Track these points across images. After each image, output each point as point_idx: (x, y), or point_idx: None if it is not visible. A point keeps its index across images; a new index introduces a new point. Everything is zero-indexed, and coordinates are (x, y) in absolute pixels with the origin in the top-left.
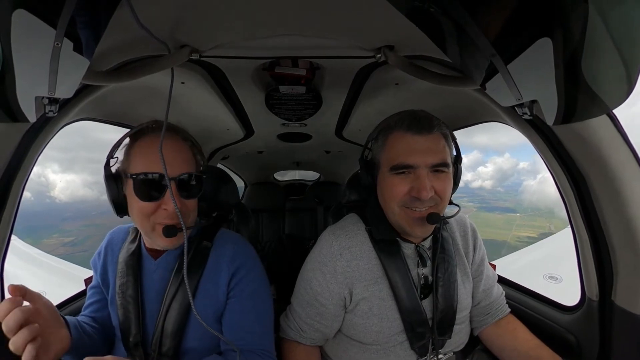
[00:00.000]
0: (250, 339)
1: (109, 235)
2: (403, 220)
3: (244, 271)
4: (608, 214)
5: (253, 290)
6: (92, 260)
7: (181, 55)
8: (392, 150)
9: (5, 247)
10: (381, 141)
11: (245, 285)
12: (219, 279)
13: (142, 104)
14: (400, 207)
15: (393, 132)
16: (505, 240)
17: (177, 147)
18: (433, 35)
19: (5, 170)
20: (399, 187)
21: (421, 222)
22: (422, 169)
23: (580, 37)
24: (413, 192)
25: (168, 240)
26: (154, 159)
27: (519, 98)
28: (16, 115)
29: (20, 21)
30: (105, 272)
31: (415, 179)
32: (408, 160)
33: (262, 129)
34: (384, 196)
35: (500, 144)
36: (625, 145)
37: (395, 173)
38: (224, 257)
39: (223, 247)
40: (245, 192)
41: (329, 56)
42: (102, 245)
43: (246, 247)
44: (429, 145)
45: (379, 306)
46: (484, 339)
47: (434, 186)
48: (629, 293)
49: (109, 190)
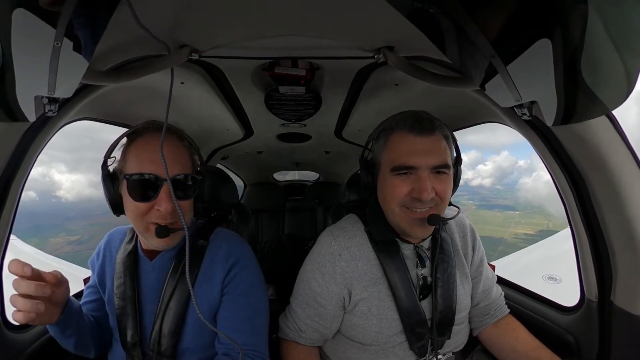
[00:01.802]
0: (239, 338)
1: (108, 235)
2: (403, 220)
3: (238, 268)
4: (607, 215)
5: (247, 287)
6: (90, 260)
7: (181, 55)
8: (394, 151)
9: (4, 247)
10: (382, 141)
11: (239, 282)
12: (213, 277)
13: (142, 104)
14: (401, 208)
15: (395, 132)
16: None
17: (173, 148)
18: (433, 36)
19: (5, 169)
20: (400, 187)
21: (421, 222)
22: (423, 170)
23: (579, 38)
24: (414, 193)
25: (162, 241)
26: (149, 159)
27: (519, 99)
28: (15, 114)
29: (20, 20)
30: (103, 273)
31: (416, 180)
32: (410, 161)
33: (261, 129)
34: (384, 196)
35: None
36: (624, 146)
37: (397, 174)
38: (219, 255)
39: (219, 245)
40: (245, 192)
41: (328, 57)
42: (101, 246)
43: (241, 245)
44: (431, 147)
45: (378, 307)
46: (483, 339)
47: (435, 187)
48: (628, 294)
49: (106, 189)
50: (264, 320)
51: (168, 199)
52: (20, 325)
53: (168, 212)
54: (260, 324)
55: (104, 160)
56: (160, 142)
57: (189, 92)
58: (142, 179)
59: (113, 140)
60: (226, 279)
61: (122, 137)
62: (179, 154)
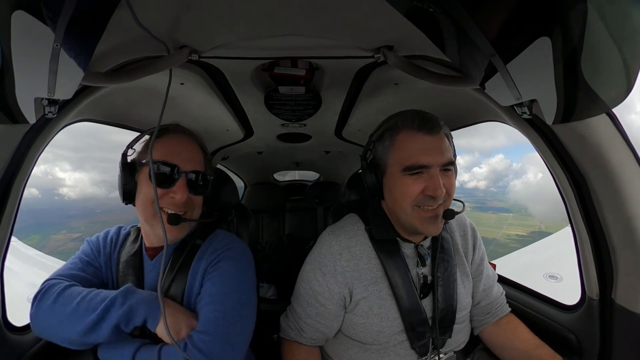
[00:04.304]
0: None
1: (110, 232)
2: (416, 219)
3: (220, 257)
4: (608, 213)
5: (223, 276)
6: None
7: (180, 56)
8: (404, 151)
9: (5, 247)
10: (388, 141)
11: (216, 269)
12: (199, 271)
13: (142, 105)
14: (413, 207)
15: (401, 132)
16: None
17: (191, 147)
18: (432, 35)
19: (6, 170)
20: (413, 186)
21: (434, 220)
22: (434, 168)
23: (579, 36)
24: (427, 191)
25: (174, 230)
26: (174, 152)
27: (518, 97)
28: (16, 116)
29: (20, 22)
30: (107, 270)
31: (429, 179)
32: (422, 160)
33: (261, 129)
34: (394, 197)
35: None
36: (624, 144)
37: (410, 173)
38: (208, 252)
39: (210, 243)
40: (245, 192)
41: (328, 56)
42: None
43: (232, 242)
44: (439, 145)
45: (379, 306)
46: (484, 338)
47: (444, 184)
48: (629, 292)
49: (123, 176)
50: (235, 308)
51: (184, 189)
52: (21, 327)
53: (182, 202)
54: (224, 310)
55: (125, 150)
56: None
57: (189, 93)
58: (164, 166)
59: (119, 141)
60: (207, 269)
61: (145, 133)
62: (196, 153)
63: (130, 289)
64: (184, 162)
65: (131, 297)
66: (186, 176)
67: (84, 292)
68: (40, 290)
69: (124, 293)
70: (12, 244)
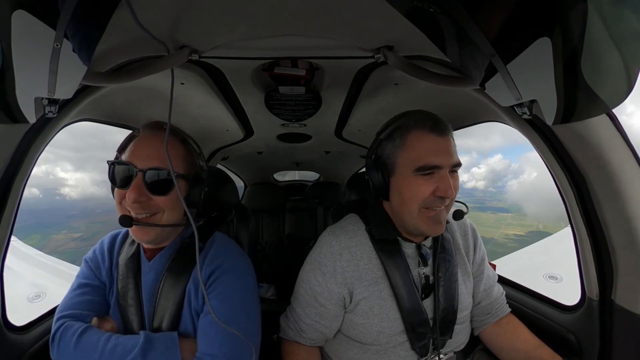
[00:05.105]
0: (202, 345)
1: (109, 237)
2: (422, 221)
3: (219, 272)
4: (608, 213)
5: (226, 293)
6: (89, 258)
7: (181, 56)
8: (416, 151)
9: (5, 247)
10: (399, 140)
11: (217, 286)
12: (197, 278)
13: (142, 105)
14: (420, 209)
15: (413, 131)
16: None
17: (160, 143)
18: (432, 36)
19: (6, 170)
20: (424, 187)
21: (438, 220)
22: (445, 169)
23: (579, 37)
24: (438, 192)
25: (137, 235)
26: (133, 152)
27: (519, 98)
28: (16, 116)
29: (20, 22)
30: (110, 275)
31: (439, 179)
32: (435, 160)
33: (261, 129)
34: (403, 198)
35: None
36: (624, 145)
37: (422, 174)
38: (207, 259)
39: (209, 249)
40: (245, 192)
41: (328, 56)
42: (104, 248)
43: (230, 249)
44: (449, 147)
45: (379, 306)
46: (484, 338)
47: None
48: (629, 292)
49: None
50: (243, 326)
51: (135, 189)
52: (21, 326)
53: (136, 202)
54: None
55: (117, 153)
56: (166, 141)
57: (189, 93)
58: (118, 166)
59: (120, 141)
60: (208, 282)
61: (132, 134)
62: (162, 150)
63: (148, 337)
64: (140, 159)
65: (149, 354)
66: (143, 175)
67: (102, 341)
68: (56, 331)
69: (142, 350)
70: (12, 244)
